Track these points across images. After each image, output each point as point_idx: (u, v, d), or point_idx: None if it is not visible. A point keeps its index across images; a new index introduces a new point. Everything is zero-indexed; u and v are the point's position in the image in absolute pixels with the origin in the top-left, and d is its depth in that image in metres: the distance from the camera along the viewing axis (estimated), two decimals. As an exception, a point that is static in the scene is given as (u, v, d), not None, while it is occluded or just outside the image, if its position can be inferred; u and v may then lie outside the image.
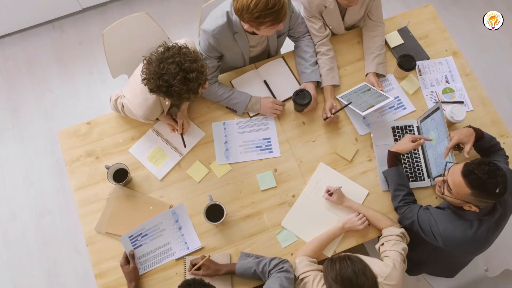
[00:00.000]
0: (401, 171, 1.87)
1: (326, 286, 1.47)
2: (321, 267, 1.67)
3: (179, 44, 1.63)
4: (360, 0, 2.03)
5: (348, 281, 1.37)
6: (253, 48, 2.06)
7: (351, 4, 1.92)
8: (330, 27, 2.12)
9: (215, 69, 1.99)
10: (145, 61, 1.63)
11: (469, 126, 1.83)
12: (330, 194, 1.87)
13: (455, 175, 1.55)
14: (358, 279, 1.37)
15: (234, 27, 1.86)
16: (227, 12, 1.83)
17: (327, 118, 1.99)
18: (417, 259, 1.93)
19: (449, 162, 1.70)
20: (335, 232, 1.82)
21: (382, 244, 1.74)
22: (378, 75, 2.12)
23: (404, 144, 1.86)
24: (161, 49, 1.61)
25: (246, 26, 1.79)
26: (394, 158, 1.87)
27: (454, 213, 1.66)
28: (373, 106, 1.92)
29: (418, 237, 1.77)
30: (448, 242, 1.64)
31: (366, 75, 2.12)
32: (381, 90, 2.02)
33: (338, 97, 2.07)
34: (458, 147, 1.83)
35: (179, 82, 1.56)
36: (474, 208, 1.55)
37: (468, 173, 1.50)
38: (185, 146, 1.98)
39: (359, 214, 1.85)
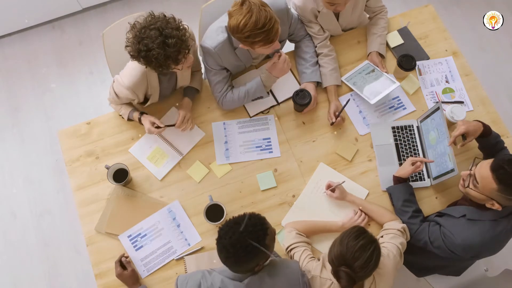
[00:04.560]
0: (409, 187, 1.85)
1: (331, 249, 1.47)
2: (308, 240, 1.78)
3: (167, 16, 1.65)
4: (352, 2, 2.03)
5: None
6: (256, 60, 2.07)
7: (338, 9, 1.92)
8: (327, 30, 2.11)
9: (227, 79, 1.99)
10: (129, 27, 1.65)
11: (478, 121, 1.80)
12: (332, 190, 1.87)
13: (483, 169, 1.53)
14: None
15: (234, 42, 1.85)
16: (226, 27, 1.81)
17: (333, 123, 1.99)
18: (425, 264, 1.93)
19: (478, 158, 1.64)
20: (332, 227, 1.82)
21: (382, 237, 1.74)
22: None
23: (405, 168, 1.85)
24: (149, 18, 1.63)
25: (241, 45, 1.78)
26: (400, 182, 1.86)
27: (469, 220, 1.63)
28: (380, 93, 1.96)
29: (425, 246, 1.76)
30: (469, 251, 1.62)
31: (368, 54, 2.13)
32: (386, 72, 2.05)
33: (343, 78, 2.09)
34: (462, 136, 1.80)
35: (158, 46, 1.57)
36: (497, 206, 1.54)
37: (497, 167, 1.48)
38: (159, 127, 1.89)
39: (358, 212, 1.85)
